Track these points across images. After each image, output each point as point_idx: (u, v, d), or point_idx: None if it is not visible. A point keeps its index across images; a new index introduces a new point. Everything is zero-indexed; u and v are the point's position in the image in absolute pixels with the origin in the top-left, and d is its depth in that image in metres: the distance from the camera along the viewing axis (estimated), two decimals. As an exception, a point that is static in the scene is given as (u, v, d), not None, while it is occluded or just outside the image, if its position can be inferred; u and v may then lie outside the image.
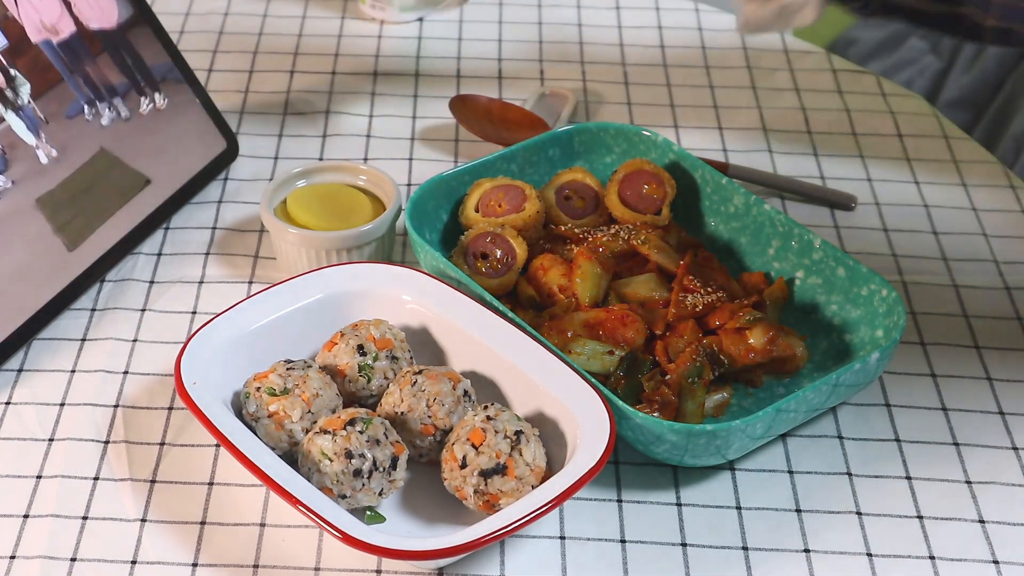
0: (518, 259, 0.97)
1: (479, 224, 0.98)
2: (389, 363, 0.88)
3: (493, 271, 0.96)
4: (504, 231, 0.97)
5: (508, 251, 0.97)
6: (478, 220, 1.00)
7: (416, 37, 1.31)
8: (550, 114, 1.19)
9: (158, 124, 1.05)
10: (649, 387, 0.89)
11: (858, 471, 0.88)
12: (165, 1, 1.33)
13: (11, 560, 0.80)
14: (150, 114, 1.01)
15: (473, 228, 0.97)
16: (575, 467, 0.79)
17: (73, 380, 0.93)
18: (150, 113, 1.01)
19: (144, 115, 1.01)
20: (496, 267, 0.96)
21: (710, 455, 0.84)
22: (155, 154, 1.04)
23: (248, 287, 1.01)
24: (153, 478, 0.86)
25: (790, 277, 0.98)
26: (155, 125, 1.05)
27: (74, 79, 0.97)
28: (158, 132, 1.05)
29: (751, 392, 0.92)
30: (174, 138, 1.06)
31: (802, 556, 0.82)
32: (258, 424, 0.84)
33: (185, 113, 1.07)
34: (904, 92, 1.27)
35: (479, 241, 0.97)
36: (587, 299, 0.94)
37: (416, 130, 1.18)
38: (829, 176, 1.14)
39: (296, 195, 1.02)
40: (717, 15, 1.37)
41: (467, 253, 0.97)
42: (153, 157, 1.04)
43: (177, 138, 1.06)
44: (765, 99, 1.24)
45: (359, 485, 0.80)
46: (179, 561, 0.81)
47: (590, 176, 1.05)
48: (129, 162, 1.02)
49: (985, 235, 1.09)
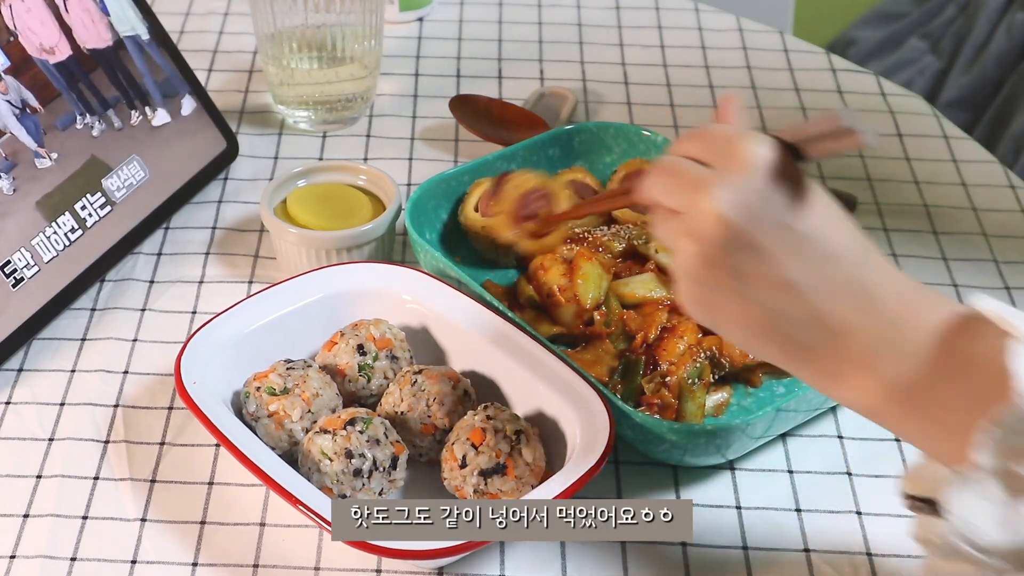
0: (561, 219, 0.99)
1: (527, 180, 0.96)
2: (389, 363, 0.88)
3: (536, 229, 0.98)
4: (550, 189, 0.99)
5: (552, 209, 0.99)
6: (478, 220, 1.00)
7: (416, 37, 1.31)
8: (550, 114, 1.19)
9: (156, 128, 1.05)
10: (649, 389, 0.89)
11: (858, 471, 0.88)
12: (165, 1, 1.33)
13: (11, 560, 0.80)
14: (141, 124, 1.02)
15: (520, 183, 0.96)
16: (575, 467, 0.79)
17: (73, 380, 0.93)
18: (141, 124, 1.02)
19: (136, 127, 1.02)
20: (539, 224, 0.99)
21: (710, 455, 0.84)
22: (154, 155, 1.04)
23: (248, 287, 1.01)
24: (153, 478, 0.86)
25: (790, 277, 0.98)
26: (152, 130, 1.05)
27: (71, 94, 1.00)
28: (158, 134, 1.05)
29: (751, 392, 0.92)
30: (174, 138, 1.06)
31: (802, 556, 0.82)
32: (258, 424, 0.84)
33: (185, 113, 1.07)
34: (904, 92, 1.27)
35: (527, 198, 0.99)
36: (587, 299, 0.94)
37: (416, 130, 1.18)
38: (829, 176, 1.14)
39: (296, 195, 1.02)
40: (717, 15, 1.37)
41: (516, 207, 0.99)
42: (153, 158, 1.04)
43: (177, 138, 1.06)
44: (765, 99, 1.24)
45: (359, 485, 0.80)
46: (179, 561, 0.81)
47: (590, 176, 1.05)
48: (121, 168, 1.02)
49: (985, 235, 1.09)
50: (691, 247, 0.66)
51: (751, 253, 0.65)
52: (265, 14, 1.11)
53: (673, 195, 0.66)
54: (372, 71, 1.17)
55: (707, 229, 0.64)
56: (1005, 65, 1.77)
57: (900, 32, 1.92)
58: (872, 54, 1.91)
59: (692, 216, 0.65)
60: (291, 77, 1.15)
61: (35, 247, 0.94)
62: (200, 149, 1.08)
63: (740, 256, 0.65)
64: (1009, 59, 1.77)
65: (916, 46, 1.88)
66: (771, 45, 1.32)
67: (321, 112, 1.16)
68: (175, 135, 1.06)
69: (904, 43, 1.89)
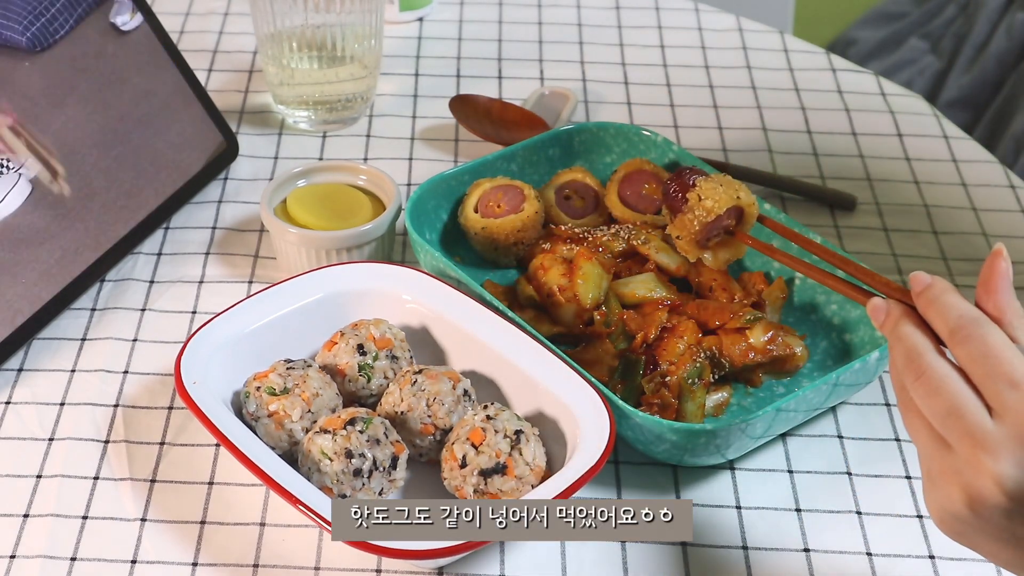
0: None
1: (718, 199, 0.90)
2: (389, 363, 0.88)
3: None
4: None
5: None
6: (478, 221, 1.00)
7: (416, 37, 1.31)
8: (550, 114, 1.19)
9: (159, 124, 1.05)
10: (649, 389, 0.89)
11: (858, 471, 0.88)
12: (165, 1, 1.33)
13: (11, 560, 0.80)
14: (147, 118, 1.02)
15: (711, 207, 0.91)
16: (575, 467, 0.79)
17: (73, 380, 0.93)
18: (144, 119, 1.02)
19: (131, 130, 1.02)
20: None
21: (710, 454, 0.84)
22: (154, 154, 1.04)
23: (248, 287, 1.01)
24: (153, 478, 0.86)
25: (790, 277, 0.98)
26: (156, 125, 1.05)
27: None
28: (158, 132, 1.05)
29: (751, 392, 0.92)
30: (174, 138, 1.06)
31: (802, 556, 0.82)
32: (258, 424, 0.84)
33: (185, 113, 1.07)
34: (904, 92, 1.27)
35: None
36: (587, 299, 0.94)
37: (416, 130, 1.18)
38: (829, 176, 1.14)
39: (296, 195, 1.02)
40: (717, 15, 1.37)
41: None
42: (152, 157, 1.04)
43: (177, 138, 1.06)
44: (765, 99, 1.24)
45: (359, 485, 0.80)
46: (179, 561, 0.80)
47: (590, 176, 1.05)
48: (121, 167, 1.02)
49: (985, 235, 1.09)
50: (959, 493, 0.62)
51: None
52: (265, 14, 1.11)
53: (946, 429, 0.63)
54: (372, 71, 1.17)
55: (984, 491, 0.61)
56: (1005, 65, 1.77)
57: (900, 32, 1.92)
58: (872, 54, 1.91)
59: (968, 466, 0.62)
60: (291, 77, 1.15)
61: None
62: (200, 149, 1.08)
63: (1013, 522, 0.62)
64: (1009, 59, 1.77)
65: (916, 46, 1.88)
66: (771, 45, 1.32)
67: (321, 112, 1.16)
68: (175, 134, 1.06)
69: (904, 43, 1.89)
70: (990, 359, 0.62)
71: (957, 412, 0.62)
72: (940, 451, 0.63)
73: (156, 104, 1.06)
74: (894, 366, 0.66)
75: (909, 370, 0.64)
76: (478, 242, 1.01)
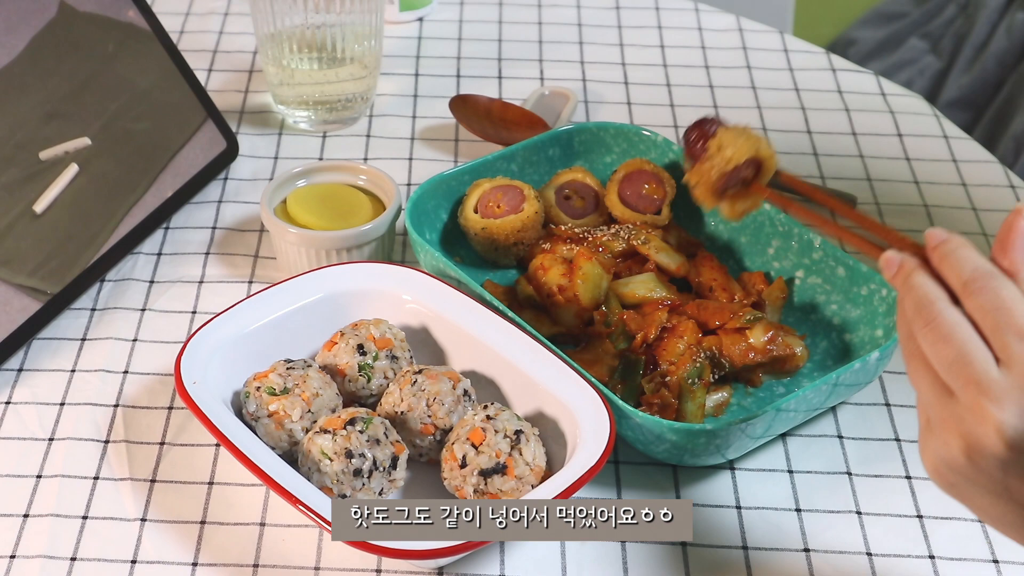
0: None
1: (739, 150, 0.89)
2: (389, 363, 0.88)
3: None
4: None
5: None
6: (478, 221, 1.00)
7: (416, 37, 1.31)
8: (550, 114, 1.19)
9: (159, 124, 1.05)
10: (649, 389, 0.89)
11: (858, 471, 0.88)
12: (165, 1, 1.33)
13: (11, 560, 0.80)
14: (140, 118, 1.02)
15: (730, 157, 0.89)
16: (575, 467, 0.79)
17: (73, 380, 0.93)
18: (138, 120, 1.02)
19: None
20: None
21: (710, 454, 0.84)
22: (154, 154, 1.04)
23: (248, 287, 1.01)
24: (153, 478, 0.86)
25: (790, 277, 0.98)
26: (155, 125, 1.05)
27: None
28: (158, 132, 1.05)
29: (751, 392, 0.92)
30: (174, 138, 1.06)
31: (802, 556, 0.82)
32: (258, 424, 0.84)
33: (185, 113, 1.07)
34: (904, 92, 1.27)
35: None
36: (587, 299, 0.94)
37: (416, 130, 1.18)
38: (829, 176, 1.14)
39: (296, 195, 1.02)
40: (717, 15, 1.37)
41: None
42: (152, 157, 1.04)
43: (177, 138, 1.06)
44: (765, 99, 1.24)
45: (359, 485, 0.80)
46: (179, 561, 0.81)
47: (590, 176, 1.05)
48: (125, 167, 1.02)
49: (985, 235, 1.09)
50: (958, 441, 0.62)
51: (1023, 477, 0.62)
52: (265, 14, 1.11)
53: (951, 375, 0.62)
54: (372, 71, 1.17)
55: (984, 439, 0.61)
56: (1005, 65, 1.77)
57: (900, 32, 1.92)
58: (872, 54, 1.91)
59: (971, 413, 0.61)
60: (291, 77, 1.15)
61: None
62: (200, 149, 1.08)
63: (1008, 474, 0.62)
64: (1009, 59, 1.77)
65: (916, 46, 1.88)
66: (771, 45, 1.32)
67: (321, 112, 1.16)
68: (175, 134, 1.06)
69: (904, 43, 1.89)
70: (1002, 311, 0.62)
71: (964, 359, 0.62)
72: (942, 399, 0.63)
73: (156, 104, 1.06)
74: (902, 314, 0.66)
75: (919, 317, 0.64)
76: (478, 242, 1.01)
